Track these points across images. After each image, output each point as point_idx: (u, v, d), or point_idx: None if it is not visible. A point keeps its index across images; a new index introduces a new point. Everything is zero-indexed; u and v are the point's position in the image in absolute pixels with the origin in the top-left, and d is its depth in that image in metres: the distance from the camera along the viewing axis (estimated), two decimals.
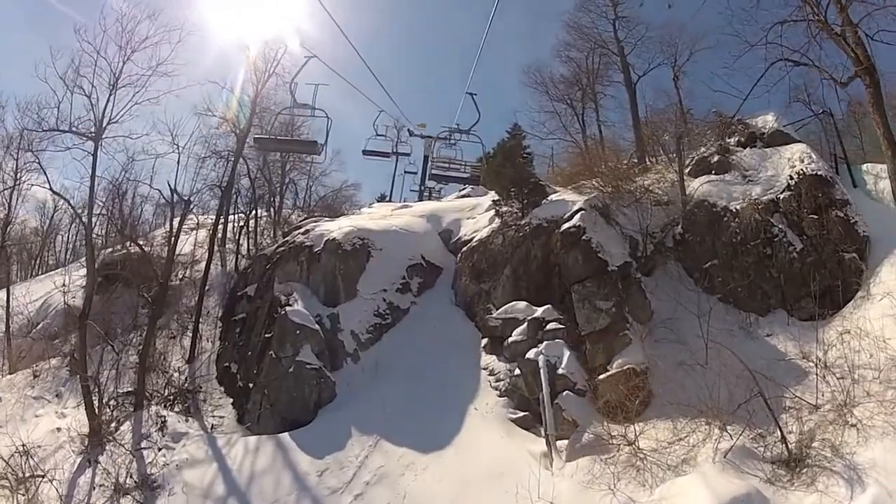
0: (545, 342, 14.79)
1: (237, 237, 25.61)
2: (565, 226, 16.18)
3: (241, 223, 26.55)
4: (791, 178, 18.33)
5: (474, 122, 26.47)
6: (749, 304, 16.50)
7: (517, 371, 14.74)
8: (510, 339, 15.48)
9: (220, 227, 26.51)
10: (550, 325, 15.12)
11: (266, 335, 17.38)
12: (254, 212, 27.12)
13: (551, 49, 28.18)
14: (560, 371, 14.26)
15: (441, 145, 27.41)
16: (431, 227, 20.08)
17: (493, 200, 18.82)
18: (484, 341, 16.40)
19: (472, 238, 18.93)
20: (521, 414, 14.39)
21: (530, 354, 14.69)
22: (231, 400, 17.65)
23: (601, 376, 14.23)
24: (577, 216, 16.19)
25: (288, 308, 16.66)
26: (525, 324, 15.47)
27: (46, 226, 44.44)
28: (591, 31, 25.88)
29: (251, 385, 16.99)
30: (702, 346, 14.74)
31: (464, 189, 26.84)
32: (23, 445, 14.60)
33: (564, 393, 14.01)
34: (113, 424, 16.26)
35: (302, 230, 19.68)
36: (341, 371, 16.41)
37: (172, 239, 21.21)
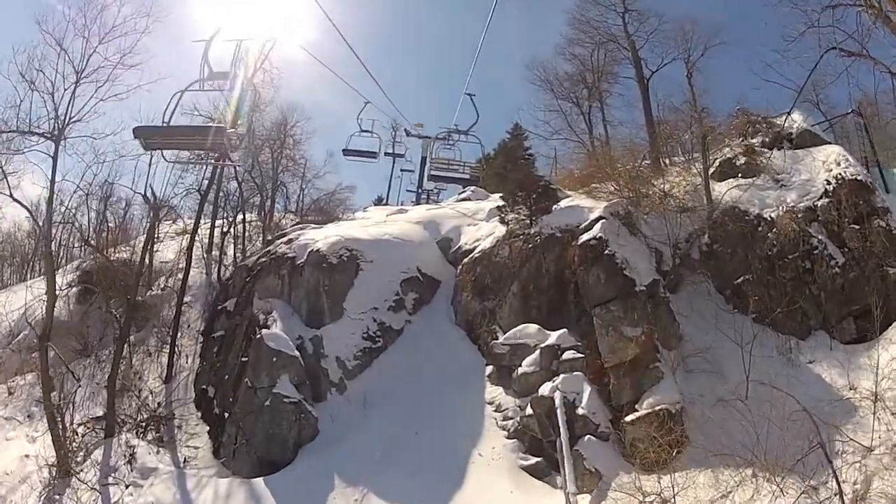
0: (561, 375, 12.01)
1: (222, 244, 22.70)
2: (584, 237, 13.29)
3: (226, 229, 23.60)
4: (828, 182, 15.74)
5: (473, 122, 23.69)
6: (787, 326, 13.93)
7: (529, 410, 11.92)
8: (520, 371, 12.68)
9: (206, 233, 23.86)
10: (567, 354, 12.33)
11: (243, 359, 14.64)
12: (240, 216, 24.15)
13: (555, 47, 25.22)
14: (580, 411, 11.52)
15: (440, 146, 24.48)
16: (429, 235, 17.18)
17: (498, 206, 15.93)
18: (489, 369, 13.61)
19: (474, 248, 16.08)
20: (534, 460, 11.66)
21: (544, 390, 11.90)
22: (207, 428, 15.18)
23: (629, 417, 11.51)
24: (598, 226, 13.32)
25: (264, 331, 13.86)
26: (537, 352, 12.69)
27: (38, 230, 41.58)
28: (599, 25, 22.97)
29: (227, 415, 14.40)
30: (742, 379, 12.20)
31: (463, 192, 24.01)
32: None
33: (586, 438, 11.28)
34: (81, 453, 14.38)
35: (285, 239, 16.80)
36: (325, 404, 13.63)
37: (146, 249, 18.46)
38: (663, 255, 14.69)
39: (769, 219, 15.15)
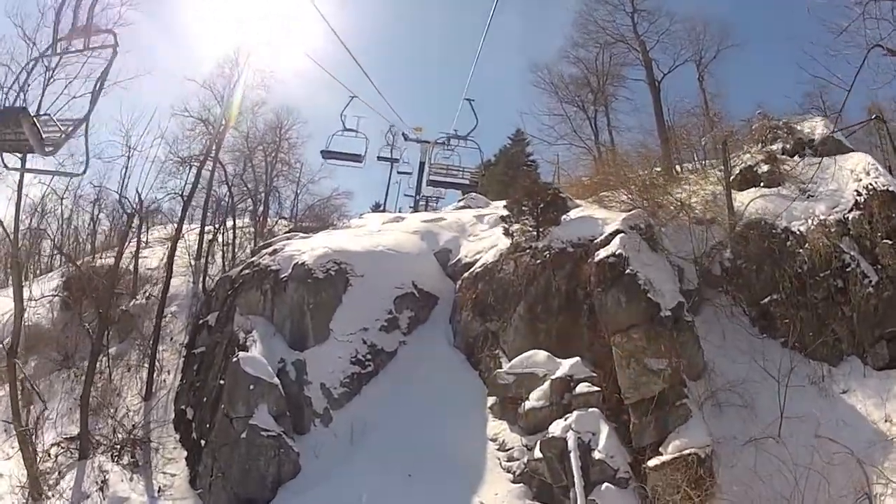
0: (575, 412, 10.17)
1: (208, 251, 20.86)
2: (601, 254, 11.37)
3: (212, 235, 21.73)
4: (858, 193, 14.14)
5: (472, 127, 21.76)
6: (818, 351, 12.25)
7: (538, 452, 10.07)
8: (527, 405, 10.80)
9: (195, 239, 22.05)
10: (581, 388, 10.49)
11: (220, 381, 12.83)
12: (229, 222, 22.31)
13: (558, 50, 23.42)
14: (596, 454, 9.72)
15: (438, 151, 22.69)
16: (426, 247, 15.21)
17: (502, 216, 14.03)
18: (491, 400, 11.69)
19: (475, 261, 14.19)
20: None
21: (555, 429, 10.08)
22: (185, 454, 13.51)
23: (651, 462, 9.70)
24: (616, 241, 11.41)
25: (241, 354, 12.02)
26: (546, 383, 10.80)
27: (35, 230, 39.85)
28: (607, 25, 21.17)
29: (203, 442, 12.70)
30: (775, 415, 10.62)
31: (463, 199, 22.25)
32: None
33: (603, 486, 9.49)
34: (55, 475, 13.29)
35: (270, 249, 14.90)
36: (308, 437, 11.78)
37: (119, 259, 16.71)
38: (684, 273, 12.87)
39: (798, 233, 13.42)
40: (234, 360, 12.01)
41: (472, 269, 13.75)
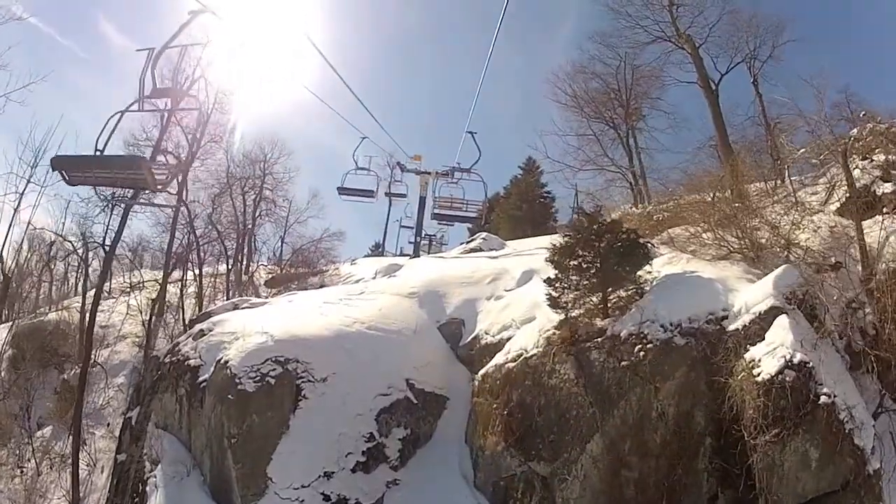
0: None
1: (151, 311, 15.24)
2: (768, 364, 5.24)
3: (161, 289, 16.03)
4: None
5: (475, 160, 17.08)
6: None
7: None
8: None
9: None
10: None
11: None
12: (190, 273, 16.70)
13: (573, 63, 17.94)
14: None
15: (442, 184, 17.51)
16: (427, 317, 9.19)
17: (547, 279, 7.67)
18: None
19: (502, 342, 8.24)
20: None
21: None
22: None
23: None
24: (783, 331, 5.42)
25: None
26: None
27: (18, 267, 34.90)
28: (646, 22, 15.68)
29: None
30: None
31: (472, 240, 16.76)
32: None
33: None
34: None
35: (197, 329, 8.97)
36: None
37: None
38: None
39: None
40: None
41: (498, 361, 7.67)
